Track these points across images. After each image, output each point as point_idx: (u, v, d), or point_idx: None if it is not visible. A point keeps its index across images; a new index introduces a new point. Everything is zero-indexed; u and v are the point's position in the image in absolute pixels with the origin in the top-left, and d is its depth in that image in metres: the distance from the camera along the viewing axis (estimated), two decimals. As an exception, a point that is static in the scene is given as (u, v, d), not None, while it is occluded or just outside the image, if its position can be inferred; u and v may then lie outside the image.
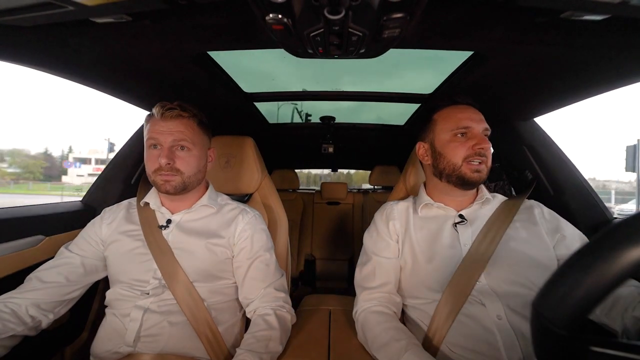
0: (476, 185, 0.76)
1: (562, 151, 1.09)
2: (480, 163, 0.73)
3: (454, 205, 0.80)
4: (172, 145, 0.77)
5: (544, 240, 0.72)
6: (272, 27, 0.50)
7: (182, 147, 0.78)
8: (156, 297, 0.75)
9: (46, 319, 0.72)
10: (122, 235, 0.81)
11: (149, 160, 0.78)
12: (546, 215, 0.77)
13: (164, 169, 0.75)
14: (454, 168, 0.75)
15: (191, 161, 0.79)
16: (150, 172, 0.78)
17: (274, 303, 0.79)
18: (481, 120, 0.76)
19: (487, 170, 0.75)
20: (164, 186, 0.77)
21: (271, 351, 0.69)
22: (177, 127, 0.77)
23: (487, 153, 0.74)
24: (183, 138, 0.77)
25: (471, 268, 0.69)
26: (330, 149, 1.83)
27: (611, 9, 0.47)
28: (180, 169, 0.77)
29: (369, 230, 0.88)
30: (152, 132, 0.77)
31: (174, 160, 0.76)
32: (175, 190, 0.78)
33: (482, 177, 0.74)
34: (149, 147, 0.78)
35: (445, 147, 0.77)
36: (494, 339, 0.63)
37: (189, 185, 0.81)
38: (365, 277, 0.80)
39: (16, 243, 0.80)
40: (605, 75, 0.74)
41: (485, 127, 0.76)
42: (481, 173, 0.73)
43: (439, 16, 0.57)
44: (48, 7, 0.48)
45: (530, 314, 0.31)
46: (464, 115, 0.76)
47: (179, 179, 0.77)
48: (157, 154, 0.76)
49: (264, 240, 0.87)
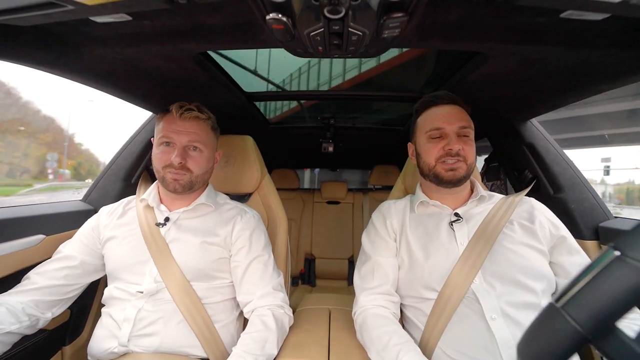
0: (453, 183, 0.75)
1: (562, 151, 1.09)
2: (456, 162, 0.73)
3: (449, 204, 0.81)
4: (186, 145, 0.79)
5: (539, 240, 0.72)
6: (272, 27, 0.50)
7: (195, 147, 0.80)
8: (151, 296, 0.75)
9: (44, 318, 0.72)
10: (120, 233, 0.82)
11: (161, 156, 0.78)
12: (545, 214, 0.77)
13: (175, 167, 0.77)
14: (429, 168, 0.77)
15: (201, 162, 0.81)
16: (160, 168, 0.79)
17: (272, 303, 0.79)
18: (459, 118, 0.76)
19: (466, 168, 0.74)
20: (172, 184, 0.78)
21: (267, 353, 0.69)
22: (193, 128, 0.79)
23: (462, 152, 0.74)
24: (197, 139, 0.79)
25: (467, 267, 0.69)
26: (330, 148, 1.83)
27: (611, 9, 0.47)
28: (191, 169, 0.79)
29: (366, 230, 0.89)
30: (167, 131, 0.78)
31: (186, 159, 0.78)
32: (183, 189, 0.80)
33: (458, 175, 0.74)
34: (160, 144, 0.79)
35: (422, 148, 0.80)
36: (490, 338, 0.63)
37: (196, 185, 0.82)
38: (364, 277, 0.81)
39: (17, 242, 0.80)
40: (605, 75, 0.74)
41: (460, 125, 0.75)
42: (456, 171, 0.74)
43: (439, 16, 0.57)
44: (48, 7, 0.48)
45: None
46: (438, 115, 0.78)
47: (188, 177, 0.79)
48: (170, 151, 0.78)
49: (262, 240, 0.88)
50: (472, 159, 0.76)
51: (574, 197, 1.01)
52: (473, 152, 0.76)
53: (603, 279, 0.28)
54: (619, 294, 0.26)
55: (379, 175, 2.30)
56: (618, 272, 0.27)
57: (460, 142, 0.74)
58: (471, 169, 0.76)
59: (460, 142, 0.74)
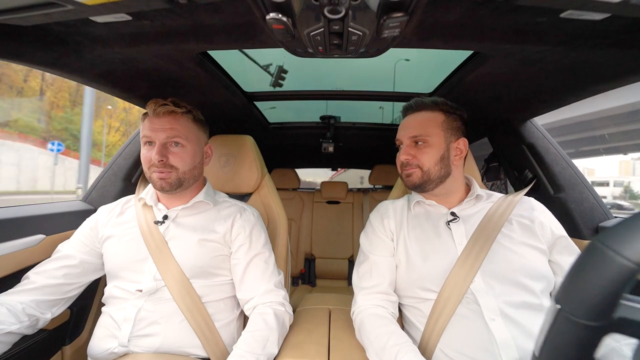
0: (413, 188, 0.80)
1: (562, 150, 1.09)
2: (408, 169, 0.78)
3: (445, 204, 0.81)
4: (165, 141, 0.77)
5: (539, 239, 0.72)
6: (272, 27, 0.50)
7: (176, 143, 0.78)
8: (151, 295, 0.75)
9: (43, 318, 0.73)
10: (118, 231, 0.82)
11: (144, 157, 0.78)
12: (545, 214, 0.77)
13: (157, 165, 0.76)
14: (400, 174, 0.83)
15: (185, 157, 0.79)
16: (146, 169, 0.78)
17: (273, 301, 0.79)
18: (413, 127, 0.78)
19: (421, 174, 0.76)
20: (159, 183, 0.77)
21: (268, 352, 0.69)
22: (170, 123, 0.77)
23: (412, 161, 0.77)
24: (176, 135, 0.77)
25: (466, 267, 0.69)
26: (330, 148, 1.83)
27: (611, 8, 0.47)
28: (175, 165, 0.77)
29: (365, 230, 0.89)
30: (146, 130, 0.77)
31: (167, 156, 0.76)
32: (171, 187, 0.78)
33: (412, 182, 0.78)
34: (144, 145, 0.79)
35: None
36: (489, 339, 0.63)
37: (185, 182, 0.81)
38: (362, 277, 0.81)
39: (16, 242, 0.80)
40: (605, 75, 0.74)
41: (411, 135, 0.78)
42: (410, 177, 0.78)
43: (439, 16, 0.57)
44: (48, 6, 0.48)
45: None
46: (401, 126, 0.83)
47: (174, 175, 0.78)
48: (151, 149, 0.77)
49: (262, 237, 0.88)
50: (429, 164, 0.76)
51: (574, 197, 1.01)
52: (429, 158, 0.76)
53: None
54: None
55: (379, 175, 2.30)
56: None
57: (413, 150, 0.77)
58: (431, 174, 0.76)
59: (412, 150, 0.78)
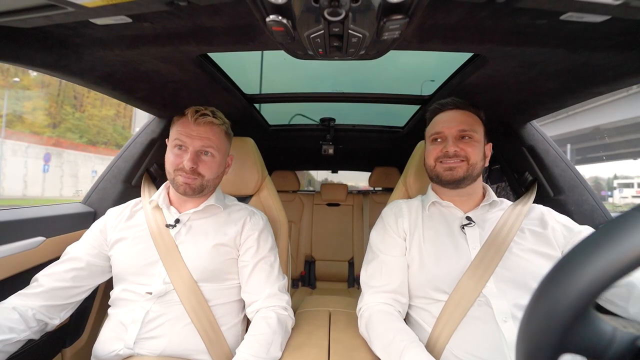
0: (453, 183, 0.77)
1: (562, 152, 1.09)
2: (454, 162, 0.76)
3: (461, 207, 0.81)
4: (199, 149, 0.79)
5: (552, 245, 0.71)
6: (272, 29, 0.50)
7: (207, 152, 0.80)
8: (159, 297, 0.75)
9: (51, 324, 0.73)
10: (128, 234, 0.82)
11: (173, 159, 0.79)
12: (556, 218, 0.77)
13: (187, 171, 0.77)
14: (430, 169, 0.82)
15: (213, 167, 0.82)
16: (172, 170, 0.79)
17: (277, 305, 0.79)
18: (459, 122, 0.78)
19: (466, 168, 0.75)
20: (183, 187, 0.78)
21: (272, 356, 0.69)
22: (207, 133, 0.79)
23: (460, 152, 0.76)
24: (210, 145, 0.80)
25: (478, 274, 0.69)
26: (330, 150, 1.83)
27: (611, 11, 0.47)
28: (202, 173, 0.79)
29: (375, 227, 0.88)
30: (181, 134, 0.78)
31: (197, 164, 0.78)
32: (193, 192, 0.80)
33: (457, 175, 0.76)
34: (174, 147, 0.80)
35: (426, 151, 0.85)
36: (499, 341, 0.63)
37: (206, 189, 0.83)
38: (371, 275, 0.80)
39: (17, 244, 0.79)
40: (605, 77, 0.74)
41: (460, 128, 0.77)
42: (454, 171, 0.76)
43: (439, 18, 0.57)
44: (49, 9, 0.48)
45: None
46: (440, 120, 0.81)
47: (199, 182, 0.79)
48: (182, 154, 0.78)
49: (269, 242, 0.88)
50: (475, 158, 0.76)
51: (573, 199, 1.01)
52: (476, 152, 0.76)
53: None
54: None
55: (379, 177, 2.30)
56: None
57: (460, 143, 0.76)
58: (475, 169, 0.76)
59: (460, 143, 0.76)
